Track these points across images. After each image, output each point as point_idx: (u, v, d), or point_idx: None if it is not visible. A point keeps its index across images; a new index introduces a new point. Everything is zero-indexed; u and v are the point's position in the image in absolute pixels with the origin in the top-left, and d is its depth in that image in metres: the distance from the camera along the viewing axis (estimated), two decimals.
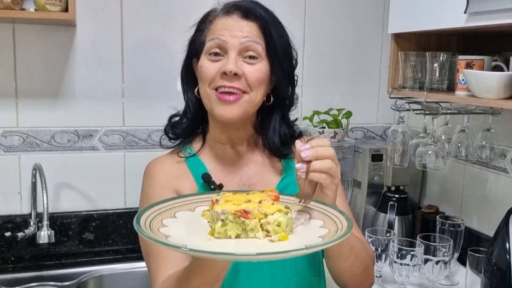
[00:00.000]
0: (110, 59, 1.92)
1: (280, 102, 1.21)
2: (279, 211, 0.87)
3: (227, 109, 1.11)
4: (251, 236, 0.86)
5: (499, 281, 1.38)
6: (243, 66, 1.10)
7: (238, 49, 1.10)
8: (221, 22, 1.14)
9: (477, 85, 1.39)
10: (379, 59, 2.23)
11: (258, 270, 1.14)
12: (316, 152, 0.95)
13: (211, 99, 1.12)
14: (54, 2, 1.61)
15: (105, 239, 1.96)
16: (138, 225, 0.85)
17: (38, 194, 1.79)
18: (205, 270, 0.92)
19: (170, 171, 1.20)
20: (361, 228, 2.00)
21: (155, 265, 1.09)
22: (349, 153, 1.99)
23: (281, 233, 0.85)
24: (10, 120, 1.85)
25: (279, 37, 1.15)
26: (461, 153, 1.69)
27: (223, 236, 0.86)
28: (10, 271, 1.81)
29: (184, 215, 0.93)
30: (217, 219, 0.86)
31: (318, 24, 2.12)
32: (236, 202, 0.88)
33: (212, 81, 1.11)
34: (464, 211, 1.90)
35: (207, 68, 1.12)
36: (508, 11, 1.23)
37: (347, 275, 1.16)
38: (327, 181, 0.96)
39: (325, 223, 0.90)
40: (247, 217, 0.85)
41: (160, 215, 0.91)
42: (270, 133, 1.21)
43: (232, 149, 1.23)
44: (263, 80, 1.13)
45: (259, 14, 1.13)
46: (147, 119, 1.97)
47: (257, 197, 0.91)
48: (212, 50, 1.12)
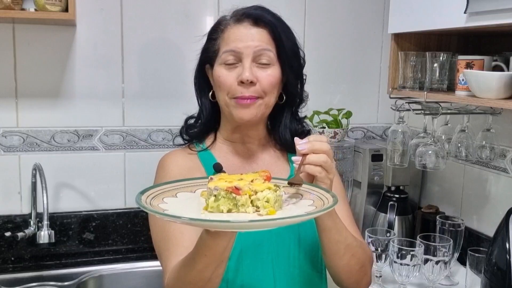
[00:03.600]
0: (110, 59, 1.92)
1: (291, 100, 1.28)
2: (268, 189, 0.93)
3: (245, 112, 1.18)
4: (241, 211, 0.93)
5: (499, 281, 1.38)
6: (257, 72, 1.17)
7: (251, 57, 1.16)
8: (233, 31, 1.19)
9: (477, 85, 1.39)
10: (379, 59, 2.23)
11: (261, 260, 1.16)
12: (312, 146, 1.03)
13: (230, 106, 1.19)
14: (54, 2, 1.62)
15: (105, 239, 1.96)
16: (139, 198, 0.91)
17: (38, 194, 1.79)
18: (208, 249, 0.95)
19: (182, 163, 1.25)
20: (361, 228, 2.00)
21: (165, 253, 1.13)
22: (349, 153, 1.99)
23: (269, 208, 0.92)
24: (10, 120, 1.85)
25: (288, 40, 1.21)
26: (461, 153, 1.69)
27: (215, 211, 0.93)
28: (10, 271, 1.81)
29: (185, 196, 1.00)
30: (210, 195, 0.93)
31: (318, 24, 2.12)
32: (229, 180, 0.95)
33: (230, 90, 1.18)
34: (464, 211, 1.90)
35: (225, 78, 1.18)
36: (508, 11, 1.23)
37: (344, 273, 1.18)
38: (322, 175, 1.03)
39: (314, 202, 0.96)
40: (238, 193, 0.92)
41: (162, 194, 0.98)
42: (282, 129, 1.28)
43: (243, 146, 1.29)
44: (276, 84, 1.20)
45: (268, 20, 1.18)
46: (147, 119, 1.97)
47: (250, 177, 0.97)
48: (227, 62, 1.18)
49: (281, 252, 1.19)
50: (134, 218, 1.98)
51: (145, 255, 1.93)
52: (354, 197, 2.08)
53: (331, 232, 1.11)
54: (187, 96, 1.94)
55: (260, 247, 1.17)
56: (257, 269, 1.16)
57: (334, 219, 1.10)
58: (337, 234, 1.11)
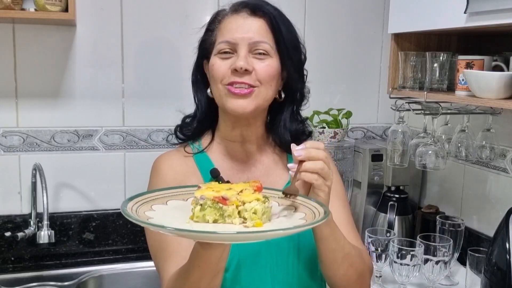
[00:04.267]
0: (110, 59, 1.92)
1: (291, 96, 1.22)
2: (257, 200, 0.90)
3: (239, 103, 1.12)
4: (228, 222, 0.90)
5: (499, 281, 1.38)
6: (254, 62, 1.12)
7: (247, 47, 1.12)
8: (230, 20, 1.15)
9: (477, 85, 1.39)
10: (379, 59, 2.23)
11: (260, 270, 1.14)
12: (308, 153, 0.98)
13: (222, 94, 1.13)
14: (54, 2, 1.62)
15: (105, 239, 1.96)
16: (124, 206, 0.88)
17: (38, 194, 1.79)
18: (201, 260, 0.93)
19: (177, 167, 1.21)
20: (361, 228, 2.00)
21: (162, 263, 1.11)
22: (349, 153, 1.99)
23: (256, 220, 0.89)
24: (10, 120, 1.85)
25: (288, 32, 1.16)
26: (461, 153, 1.69)
27: (201, 220, 0.90)
28: (10, 271, 1.81)
29: (175, 204, 0.97)
30: (197, 204, 0.90)
31: (318, 24, 2.12)
32: (217, 189, 0.92)
33: (224, 78, 1.12)
34: (464, 211, 1.90)
35: (218, 66, 1.13)
36: (508, 11, 1.23)
37: (341, 282, 1.15)
38: (319, 182, 0.99)
39: (306, 215, 0.93)
40: (224, 203, 0.89)
41: (152, 201, 0.95)
42: (281, 129, 1.22)
43: (241, 147, 1.23)
44: (274, 76, 1.14)
45: (267, 10, 1.14)
46: (147, 119, 1.97)
47: (239, 187, 0.94)
48: (222, 50, 1.13)
49: (280, 262, 1.15)
50: None
51: (145, 255, 1.93)
52: (354, 197, 2.08)
53: (329, 241, 1.08)
54: (187, 96, 1.94)
55: (258, 257, 1.14)
56: (255, 279, 1.13)
57: (332, 228, 1.07)
58: (335, 243, 1.09)
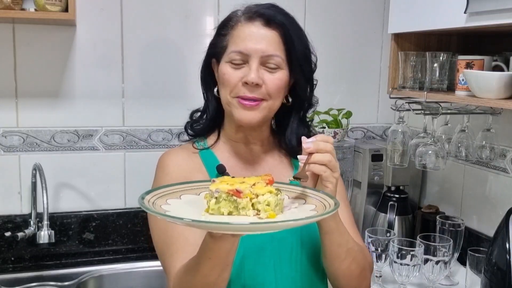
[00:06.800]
0: (110, 59, 1.92)
1: (299, 104, 1.24)
2: (269, 192, 0.93)
3: (247, 114, 1.14)
4: (242, 214, 0.93)
5: (499, 281, 1.38)
6: (264, 74, 1.13)
7: (259, 60, 1.13)
8: (243, 29, 1.15)
9: (477, 85, 1.39)
10: (379, 59, 2.23)
11: (263, 264, 1.15)
12: (317, 145, 1.03)
13: (231, 104, 1.16)
14: (54, 2, 1.62)
15: (105, 239, 1.96)
16: (142, 199, 0.92)
17: (38, 194, 1.79)
18: (212, 252, 0.95)
19: (183, 163, 1.22)
20: (361, 228, 2.00)
21: (169, 258, 1.11)
22: (349, 153, 1.99)
23: (270, 212, 0.92)
24: (10, 120, 1.85)
25: (300, 43, 1.18)
26: (461, 153, 1.69)
27: (216, 213, 0.93)
28: (10, 271, 1.81)
29: (188, 198, 1.00)
30: (212, 197, 0.94)
31: (318, 24, 2.12)
32: (231, 183, 0.95)
33: (234, 89, 1.14)
34: (464, 211, 1.90)
35: (229, 76, 1.14)
36: (508, 11, 1.23)
37: (344, 277, 1.17)
38: (327, 173, 1.04)
39: (316, 207, 0.96)
40: (239, 196, 0.93)
41: (166, 196, 0.98)
42: (288, 133, 1.25)
43: (246, 147, 1.26)
44: (282, 88, 1.17)
45: (281, 22, 1.14)
46: (147, 119, 1.97)
47: (252, 180, 0.97)
48: (234, 61, 1.14)
49: (284, 256, 1.17)
50: (134, 218, 1.98)
51: (145, 255, 1.93)
52: (354, 197, 2.08)
53: (334, 235, 1.10)
54: (187, 96, 1.95)
55: (262, 251, 1.15)
56: (259, 273, 1.15)
57: (337, 222, 1.10)
58: (339, 237, 1.11)
